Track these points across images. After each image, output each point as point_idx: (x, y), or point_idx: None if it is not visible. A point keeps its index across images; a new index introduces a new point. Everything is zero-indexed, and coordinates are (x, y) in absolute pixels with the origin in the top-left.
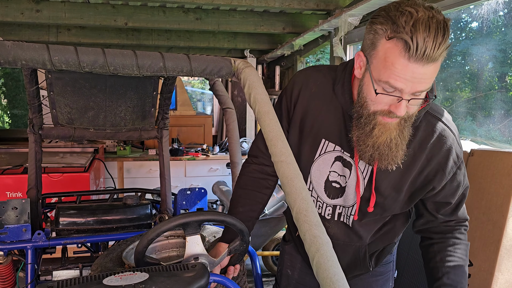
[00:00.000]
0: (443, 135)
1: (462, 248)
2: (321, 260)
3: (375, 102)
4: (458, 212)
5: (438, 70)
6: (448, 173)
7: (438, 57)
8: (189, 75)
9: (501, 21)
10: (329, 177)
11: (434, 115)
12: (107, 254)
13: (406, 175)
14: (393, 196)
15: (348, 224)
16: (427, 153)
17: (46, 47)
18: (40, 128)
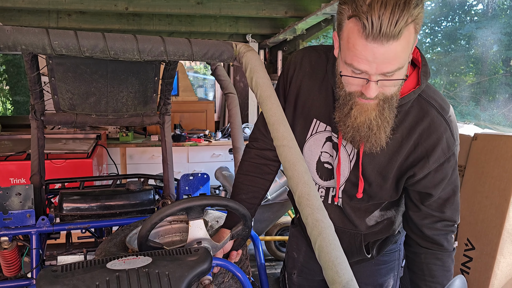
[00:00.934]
0: (434, 122)
1: (451, 260)
2: (323, 243)
3: (347, 83)
4: (445, 209)
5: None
6: (432, 162)
7: (397, 34)
8: (190, 59)
9: (507, 4)
10: (320, 157)
11: (428, 100)
12: (111, 239)
13: (393, 161)
14: (379, 182)
15: (341, 207)
16: (414, 139)
17: (45, 32)
18: (42, 114)
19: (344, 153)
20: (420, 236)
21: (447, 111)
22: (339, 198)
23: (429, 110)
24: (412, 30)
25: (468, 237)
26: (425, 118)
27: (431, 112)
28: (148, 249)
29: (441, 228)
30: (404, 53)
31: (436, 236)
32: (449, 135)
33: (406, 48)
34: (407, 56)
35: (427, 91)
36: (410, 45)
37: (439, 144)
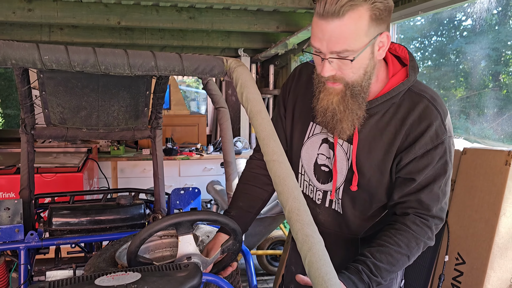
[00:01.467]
0: (425, 110)
1: (405, 236)
2: (313, 259)
3: (315, 65)
4: (422, 195)
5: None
6: (419, 148)
7: (338, 12)
8: (181, 74)
9: (494, 20)
10: (317, 160)
11: (419, 93)
12: (100, 254)
13: (389, 154)
14: (377, 177)
15: (339, 212)
16: (406, 130)
17: (36, 46)
18: (32, 128)
19: (341, 151)
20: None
21: (438, 102)
22: (339, 199)
23: (420, 100)
24: (364, 14)
25: (458, 251)
26: (416, 108)
27: (423, 102)
28: (137, 264)
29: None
30: (353, 36)
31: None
32: (439, 124)
33: (355, 32)
34: (358, 42)
35: (418, 86)
36: (360, 30)
37: (427, 131)
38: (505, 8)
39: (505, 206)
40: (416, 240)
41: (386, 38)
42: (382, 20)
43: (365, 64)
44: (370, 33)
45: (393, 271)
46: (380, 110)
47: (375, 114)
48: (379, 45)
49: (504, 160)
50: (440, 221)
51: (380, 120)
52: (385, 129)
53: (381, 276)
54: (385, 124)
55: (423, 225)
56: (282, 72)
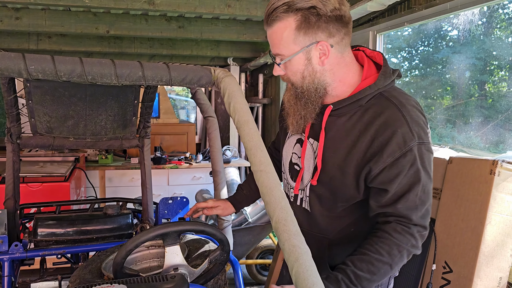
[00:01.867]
0: (391, 117)
1: (386, 244)
2: (300, 269)
3: None
4: (398, 205)
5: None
6: (387, 156)
7: (268, 21)
8: (169, 84)
9: (479, 30)
10: (291, 159)
11: (388, 98)
12: (86, 265)
13: (351, 156)
14: (338, 177)
15: (308, 210)
16: (371, 134)
17: (22, 56)
18: (18, 137)
19: (310, 149)
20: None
21: (407, 108)
22: (307, 197)
23: (387, 106)
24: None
25: (446, 259)
26: (383, 113)
27: (389, 108)
28: (123, 276)
29: (391, 220)
30: (280, 43)
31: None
32: (407, 131)
33: (282, 39)
34: (287, 49)
35: (391, 91)
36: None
37: (393, 138)
38: (489, 20)
39: (490, 214)
40: (398, 248)
41: (326, 47)
42: (314, 29)
43: (300, 69)
44: (299, 41)
45: (374, 280)
46: (348, 112)
47: (343, 115)
48: (320, 53)
49: (489, 169)
50: (423, 228)
51: (347, 121)
52: (350, 131)
53: (361, 285)
54: (351, 126)
55: (405, 232)
56: (271, 81)
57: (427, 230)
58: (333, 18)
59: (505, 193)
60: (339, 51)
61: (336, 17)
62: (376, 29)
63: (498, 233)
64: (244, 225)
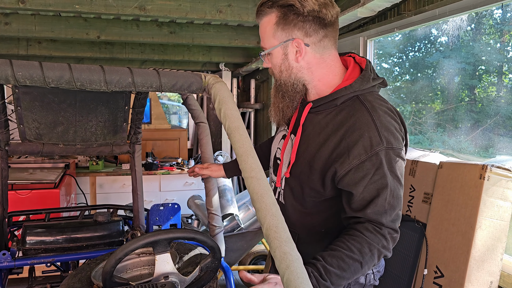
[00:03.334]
0: (360, 120)
1: (357, 241)
2: (291, 277)
3: None
4: (367, 210)
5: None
6: (352, 158)
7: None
8: (159, 90)
9: (468, 36)
10: (276, 153)
11: (362, 101)
12: (76, 274)
13: (319, 153)
14: (306, 171)
15: (282, 203)
16: (341, 135)
17: (9, 63)
18: (6, 144)
19: (289, 144)
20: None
21: (378, 113)
22: (282, 190)
23: (359, 109)
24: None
25: (437, 264)
26: (353, 116)
27: (360, 111)
28: (113, 285)
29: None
30: (265, 36)
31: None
32: (375, 134)
33: (266, 33)
34: (268, 41)
35: (366, 96)
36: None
37: (360, 141)
38: (478, 26)
39: (481, 219)
40: (369, 246)
41: (301, 46)
42: (291, 27)
43: (278, 63)
44: (277, 36)
45: (344, 276)
46: (324, 111)
47: (320, 113)
48: (297, 50)
49: (478, 174)
50: (394, 231)
51: (322, 119)
52: (323, 129)
53: (331, 281)
54: (324, 124)
55: (376, 232)
56: (263, 86)
57: (398, 233)
58: (310, 19)
59: (495, 197)
60: (317, 52)
61: (314, 18)
62: (366, 35)
63: (489, 237)
64: (237, 231)
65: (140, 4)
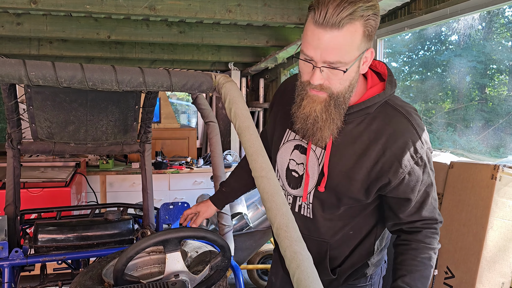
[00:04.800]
0: (400, 127)
1: (424, 252)
2: (302, 276)
3: (301, 72)
4: (422, 211)
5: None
6: (404, 166)
7: (339, 24)
8: (170, 90)
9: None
10: (289, 165)
11: (394, 107)
12: (87, 271)
13: (359, 164)
14: (344, 184)
15: (308, 217)
16: (383, 144)
17: (22, 63)
18: (19, 143)
19: (313, 156)
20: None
21: (413, 117)
22: (310, 203)
23: (395, 115)
24: (359, 29)
25: (447, 265)
26: (392, 122)
27: (397, 117)
28: (124, 283)
29: (420, 226)
30: (347, 48)
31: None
32: (416, 139)
33: (349, 45)
34: (350, 55)
35: (395, 100)
36: (354, 44)
37: (406, 148)
38: (489, 25)
39: (492, 219)
40: (434, 250)
41: (370, 54)
42: (371, 37)
43: (351, 76)
44: (361, 48)
45: (427, 284)
46: (355, 120)
47: (350, 123)
48: (364, 60)
49: (490, 174)
50: (441, 223)
51: (354, 129)
52: (358, 138)
53: None
54: (358, 133)
55: (433, 234)
56: (272, 85)
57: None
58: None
59: (507, 198)
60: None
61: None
62: (376, 34)
63: (500, 238)
64: (245, 230)
65: (150, 4)
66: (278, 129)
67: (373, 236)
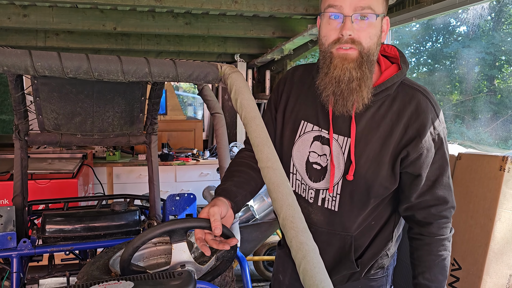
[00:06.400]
0: (421, 104)
1: (439, 245)
2: (308, 266)
3: (327, 35)
4: (436, 189)
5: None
6: (424, 141)
7: None
8: (175, 80)
9: (488, 26)
10: (309, 158)
11: (411, 86)
12: (94, 262)
13: (386, 146)
14: (374, 168)
15: (333, 210)
16: (404, 122)
17: (28, 53)
18: (26, 134)
19: (336, 146)
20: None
21: (431, 95)
22: (337, 194)
23: (414, 94)
24: None
25: (454, 256)
26: (412, 101)
27: (417, 95)
28: (130, 273)
29: (434, 213)
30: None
31: (427, 220)
32: (435, 116)
33: None
34: (378, 5)
35: (410, 81)
36: None
37: (427, 124)
38: (498, 14)
39: (500, 211)
40: (448, 239)
41: (387, 24)
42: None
43: (378, 33)
44: (384, 7)
45: (447, 274)
46: (375, 103)
47: (371, 107)
48: (384, 25)
49: (498, 166)
50: (453, 209)
51: (376, 112)
52: (381, 121)
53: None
54: (381, 116)
55: (446, 224)
56: (279, 77)
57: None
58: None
59: None
60: None
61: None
62: None
63: (508, 230)
64: (252, 222)
65: None
66: (289, 121)
67: (391, 224)
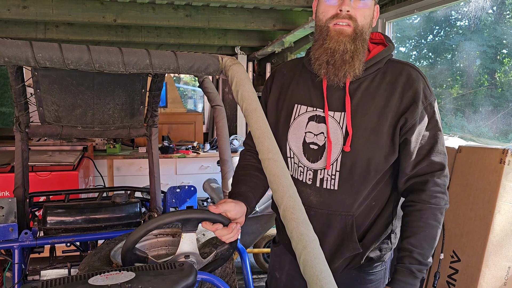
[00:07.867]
0: (411, 75)
1: (429, 213)
2: (308, 257)
3: (325, 11)
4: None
5: None
6: (420, 107)
7: None
8: (176, 72)
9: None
10: (305, 138)
11: (399, 61)
12: (95, 253)
13: (384, 116)
14: (374, 139)
15: (332, 189)
16: (399, 91)
17: (29, 44)
18: (26, 126)
19: (333, 122)
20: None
21: (419, 69)
22: (337, 172)
23: (403, 67)
24: None
25: (453, 249)
26: (403, 72)
27: (406, 68)
28: (132, 260)
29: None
30: None
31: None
32: (426, 87)
33: None
34: None
35: (397, 59)
36: None
37: (420, 91)
38: (500, 7)
39: (500, 204)
40: (440, 210)
41: (377, 11)
42: None
43: (371, 15)
44: None
45: (434, 246)
46: (367, 77)
47: (364, 81)
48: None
49: (498, 158)
50: (448, 179)
51: (369, 85)
52: (376, 92)
53: (428, 259)
54: (375, 88)
55: (439, 194)
56: None
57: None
58: None
59: None
60: None
61: None
62: (385, 17)
63: (507, 222)
64: (252, 214)
65: None
66: (283, 109)
67: (391, 204)
